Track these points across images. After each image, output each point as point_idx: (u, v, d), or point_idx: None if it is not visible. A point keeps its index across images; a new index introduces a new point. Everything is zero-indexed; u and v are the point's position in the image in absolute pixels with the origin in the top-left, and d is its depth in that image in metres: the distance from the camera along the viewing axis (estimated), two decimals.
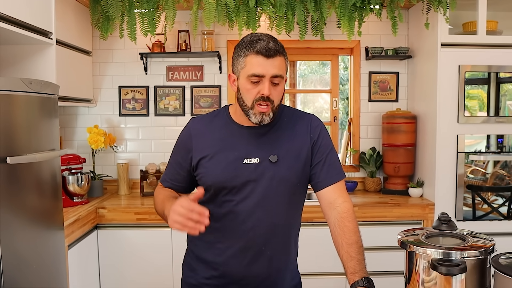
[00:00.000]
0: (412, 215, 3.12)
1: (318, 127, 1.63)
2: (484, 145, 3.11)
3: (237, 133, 1.58)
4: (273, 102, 1.49)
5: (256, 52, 1.45)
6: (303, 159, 1.57)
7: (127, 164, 3.53)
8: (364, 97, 3.69)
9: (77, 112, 3.64)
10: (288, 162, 1.54)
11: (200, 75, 3.63)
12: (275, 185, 1.54)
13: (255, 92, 1.47)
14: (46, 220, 2.32)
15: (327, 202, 1.56)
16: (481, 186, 3.14)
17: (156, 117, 3.66)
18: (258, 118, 1.49)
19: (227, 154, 1.55)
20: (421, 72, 3.41)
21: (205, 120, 1.66)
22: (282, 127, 1.60)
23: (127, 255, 3.08)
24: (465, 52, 3.09)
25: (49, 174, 2.35)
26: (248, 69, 1.46)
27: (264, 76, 1.45)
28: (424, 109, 3.35)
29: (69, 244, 2.65)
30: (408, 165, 3.45)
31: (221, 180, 1.54)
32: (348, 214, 1.50)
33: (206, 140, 1.60)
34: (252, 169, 1.53)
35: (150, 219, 3.05)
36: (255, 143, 1.56)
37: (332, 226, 1.52)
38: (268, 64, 1.45)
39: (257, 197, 1.53)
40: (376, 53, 3.53)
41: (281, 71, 1.47)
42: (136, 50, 3.54)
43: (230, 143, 1.57)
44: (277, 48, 1.47)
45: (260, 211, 1.54)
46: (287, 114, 1.64)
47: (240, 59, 1.50)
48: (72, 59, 3.12)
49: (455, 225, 1.29)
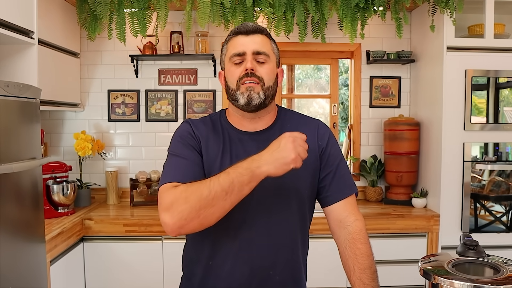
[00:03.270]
0: (416, 227, 2.96)
1: (326, 134, 1.47)
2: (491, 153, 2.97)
3: (236, 138, 1.41)
4: (262, 79, 1.35)
5: (235, 33, 1.39)
6: (311, 169, 1.40)
7: (116, 172, 3.35)
8: (365, 102, 3.54)
9: (63, 117, 3.46)
10: (293, 171, 1.28)
11: (193, 78, 3.46)
12: (279, 198, 1.36)
13: (239, 71, 1.35)
14: (26, 233, 2.13)
15: (337, 220, 1.39)
16: (487, 195, 2.99)
17: (147, 123, 3.48)
18: (245, 96, 1.33)
19: (224, 161, 1.36)
20: (425, 76, 3.26)
21: (204, 124, 1.46)
22: (285, 132, 1.42)
23: (115, 270, 2.89)
24: (471, 56, 2.94)
25: (30, 184, 2.17)
26: (230, 50, 1.38)
27: (245, 52, 1.34)
28: (428, 116, 3.20)
29: (52, 259, 2.46)
30: (411, 174, 3.29)
31: None
32: (361, 234, 1.34)
33: (206, 144, 1.39)
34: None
35: (140, 231, 2.87)
36: (256, 150, 1.29)
37: (342, 248, 1.35)
38: (248, 41, 1.35)
39: (258, 212, 1.34)
40: (377, 57, 3.38)
41: (265, 48, 1.36)
42: (126, 52, 3.36)
43: (228, 149, 1.39)
44: (257, 27, 1.38)
45: (263, 229, 1.35)
46: (291, 119, 1.48)
47: (223, 49, 1.42)
48: (57, 61, 2.94)
49: (483, 250, 1.13)
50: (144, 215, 2.98)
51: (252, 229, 1.35)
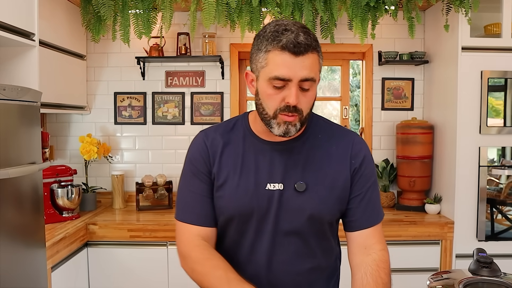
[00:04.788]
0: (430, 234, 2.85)
1: (361, 152, 1.31)
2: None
3: (259, 150, 1.28)
4: (302, 111, 1.18)
5: (281, 47, 1.13)
6: (339, 191, 1.27)
7: (122, 175, 3.30)
8: (377, 105, 3.43)
9: (70, 120, 3.42)
10: (319, 193, 1.24)
11: (201, 81, 3.39)
12: (301, 220, 1.25)
13: (279, 99, 1.16)
14: (25, 238, 2.09)
15: (361, 246, 1.28)
16: (504, 200, 2.87)
17: (154, 126, 3.42)
18: (282, 128, 1.18)
19: (248, 175, 1.26)
20: (439, 78, 3.15)
21: (220, 131, 1.34)
22: (315, 145, 1.29)
23: (120, 276, 2.83)
24: (488, 57, 2.83)
25: (30, 189, 2.12)
26: (271, 69, 1.15)
27: (291, 80, 1.13)
28: (442, 119, 3.09)
29: (54, 265, 2.41)
30: (425, 179, 3.18)
31: (239, 209, 1.26)
32: (386, 265, 1.24)
33: (223, 156, 1.29)
34: (274, 198, 1.24)
35: (144, 236, 2.81)
36: (280, 164, 1.25)
37: (360, 273, 1.25)
38: (296, 64, 1.12)
39: (278, 235, 1.25)
40: (390, 58, 3.28)
41: (313, 73, 1.15)
42: (133, 54, 3.31)
43: (251, 161, 1.27)
44: (309, 43, 1.14)
45: (282, 254, 1.26)
46: (322, 129, 1.33)
47: (260, 55, 1.17)
48: (62, 63, 2.90)
49: (498, 268, 1.03)
50: (150, 220, 2.92)
51: (269, 252, 1.27)
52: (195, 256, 1.25)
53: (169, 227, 2.80)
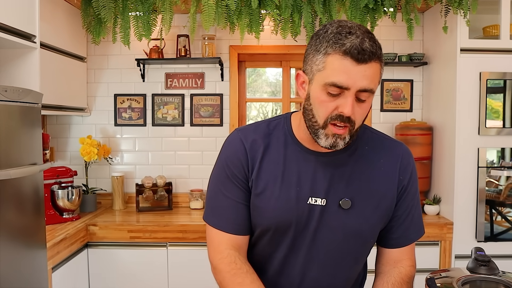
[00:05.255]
0: (429, 235, 2.86)
1: (409, 166, 1.24)
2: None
3: (302, 159, 1.19)
4: (354, 124, 1.09)
5: (343, 52, 1.03)
6: (385, 209, 1.21)
7: (122, 177, 3.31)
8: (376, 106, 3.45)
9: (70, 122, 3.43)
10: (364, 211, 1.17)
11: (200, 82, 3.41)
12: (341, 239, 1.19)
13: (332, 107, 1.08)
14: (26, 239, 2.09)
15: (391, 260, 1.27)
16: (503, 202, 2.88)
17: (154, 127, 3.43)
18: (330, 141, 1.10)
19: (287, 187, 1.18)
20: (438, 79, 3.16)
21: (260, 133, 1.24)
22: (362, 158, 1.21)
23: (120, 276, 2.84)
24: (486, 58, 2.84)
25: (30, 190, 2.13)
26: (328, 74, 1.05)
27: (349, 88, 1.05)
28: (441, 120, 3.10)
29: (54, 265, 2.42)
30: (424, 180, 3.19)
31: (276, 223, 1.19)
32: (410, 280, 1.23)
33: (263, 161, 1.20)
34: (316, 213, 1.17)
35: (144, 238, 2.82)
36: (324, 177, 1.17)
37: (383, 280, 1.24)
38: (358, 72, 1.03)
39: (314, 251, 1.20)
40: (389, 60, 3.29)
41: (373, 84, 1.06)
42: (133, 56, 3.32)
43: (292, 171, 1.19)
44: (374, 50, 1.05)
45: (317, 270, 1.21)
46: (370, 140, 1.24)
47: (317, 57, 1.08)
48: (63, 65, 2.91)
49: (496, 266, 1.05)
50: (150, 221, 2.92)
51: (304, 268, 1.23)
52: (223, 269, 1.20)
53: (169, 228, 2.81)
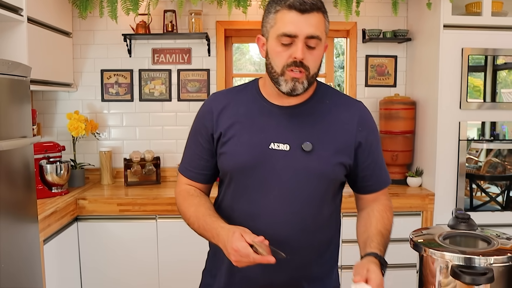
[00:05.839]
0: (411, 206, 2.96)
1: (368, 120, 1.38)
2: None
3: (266, 111, 1.34)
4: (308, 68, 1.25)
5: (288, 6, 1.21)
6: (345, 155, 1.32)
7: (110, 152, 3.33)
8: (361, 81, 3.50)
9: (56, 97, 3.42)
10: (324, 154, 1.29)
11: (187, 58, 3.42)
12: (305, 180, 1.29)
13: (286, 55, 1.24)
14: (18, 213, 2.12)
15: (370, 201, 1.41)
16: (483, 175, 2.99)
17: (141, 103, 3.44)
18: (289, 85, 1.25)
19: (252, 134, 1.32)
20: (421, 55, 3.23)
21: (229, 94, 1.44)
22: (323, 109, 1.35)
23: (110, 249, 2.89)
24: (468, 35, 2.90)
25: (21, 164, 2.14)
26: (279, 27, 1.23)
27: (297, 36, 1.21)
28: (424, 95, 3.18)
29: (45, 238, 2.45)
30: (407, 153, 3.28)
31: (240, 165, 1.32)
32: (391, 209, 1.39)
33: (229, 115, 1.36)
34: (279, 157, 1.29)
35: (134, 211, 2.86)
36: (287, 126, 1.31)
37: (366, 213, 1.37)
38: (302, 21, 1.21)
39: (281, 192, 1.29)
40: (373, 36, 3.34)
41: (319, 31, 1.23)
42: (119, 32, 3.31)
43: (256, 122, 1.33)
44: (314, 2, 1.22)
45: (284, 211, 1.30)
46: (329, 96, 1.39)
47: (269, 17, 1.27)
48: (49, 40, 2.90)
49: (475, 223, 1.12)
50: (138, 194, 2.96)
51: (272, 209, 1.31)
52: (179, 196, 1.43)
53: (158, 201, 2.86)
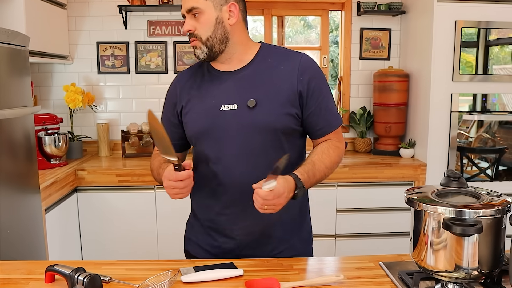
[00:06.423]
0: (404, 175, 3.03)
1: (309, 68, 1.45)
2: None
3: (216, 79, 1.48)
4: (199, 35, 1.41)
5: None
6: (289, 104, 1.41)
7: (107, 124, 3.36)
8: (355, 54, 3.54)
9: (52, 70, 3.43)
10: (269, 107, 1.39)
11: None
12: (254, 134, 1.40)
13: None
14: (20, 182, 2.16)
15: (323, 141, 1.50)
16: (473, 148, 3.06)
17: (137, 75, 3.46)
18: (194, 53, 1.45)
19: (204, 101, 1.46)
20: (415, 28, 3.26)
21: (190, 71, 1.58)
22: (266, 67, 1.45)
23: (109, 218, 2.95)
24: (462, 8, 2.94)
25: (22, 134, 2.17)
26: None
27: (183, 13, 1.42)
28: (418, 67, 3.22)
29: (47, 207, 2.50)
30: (400, 125, 3.34)
31: (198, 130, 1.47)
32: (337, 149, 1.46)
33: (188, 90, 1.52)
34: (230, 117, 1.41)
35: (133, 181, 2.91)
36: (234, 88, 1.44)
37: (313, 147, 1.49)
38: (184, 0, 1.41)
39: (237, 148, 1.42)
40: (368, 8, 3.36)
41: (194, 2, 1.38)
42: (115, 3, 3.30)
43: (208, 90, 1.48)
44: None
45: (242, 164, 1.42)
46: (272, 53, 1.49)
47: None
48: (44, 12, 2.89)
49: (466, 182, 1.18)
50: (137, 165, 3.01)
51: (232, 163, 1.43)
52: (152, 159, 1.61)
53: None
